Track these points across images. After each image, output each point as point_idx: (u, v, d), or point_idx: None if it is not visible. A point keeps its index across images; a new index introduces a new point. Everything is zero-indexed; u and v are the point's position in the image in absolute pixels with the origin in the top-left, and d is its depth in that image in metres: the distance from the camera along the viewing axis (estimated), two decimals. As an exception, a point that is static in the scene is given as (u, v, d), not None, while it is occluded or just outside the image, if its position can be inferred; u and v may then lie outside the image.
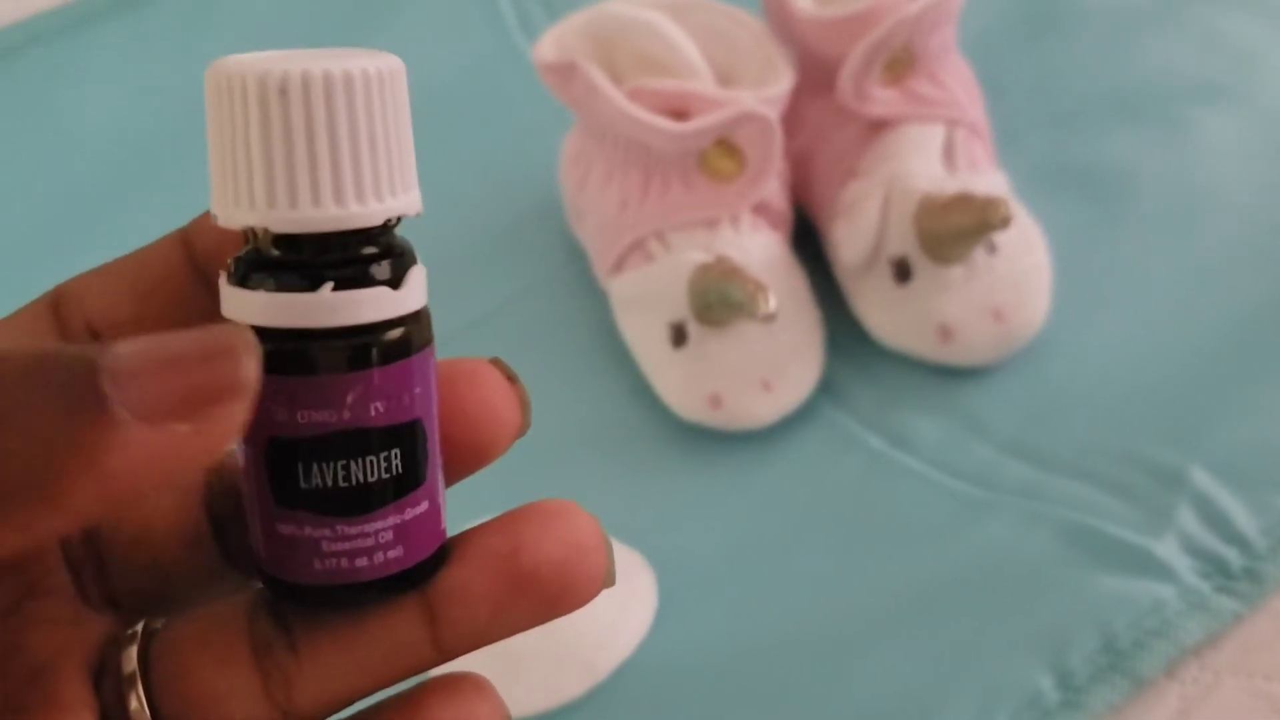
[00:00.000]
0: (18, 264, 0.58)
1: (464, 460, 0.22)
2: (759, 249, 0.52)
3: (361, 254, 0.20)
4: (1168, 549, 0.44)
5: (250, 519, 0.21)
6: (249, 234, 0.21)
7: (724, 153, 0.51)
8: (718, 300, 0.49)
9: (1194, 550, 0.44)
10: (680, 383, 0.52)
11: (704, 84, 0.52)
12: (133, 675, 0.21)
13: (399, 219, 0.21)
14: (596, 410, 0.54)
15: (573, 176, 0.56)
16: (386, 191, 0.20)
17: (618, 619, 0.45)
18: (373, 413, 0.20)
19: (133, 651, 0.21)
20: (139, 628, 0.22)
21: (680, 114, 0.51)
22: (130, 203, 0.63)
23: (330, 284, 0.20)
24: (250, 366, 0.18)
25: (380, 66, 0.20)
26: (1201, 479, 0.45)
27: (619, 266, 0.54)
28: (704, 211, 0.52)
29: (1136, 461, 0.47)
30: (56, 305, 0.22)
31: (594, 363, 0.55)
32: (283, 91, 0.19)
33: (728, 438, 0.51)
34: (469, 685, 0.22)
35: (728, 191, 0.52)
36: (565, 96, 0.53)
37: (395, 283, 0.20)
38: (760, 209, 0.53)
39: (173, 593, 0.23)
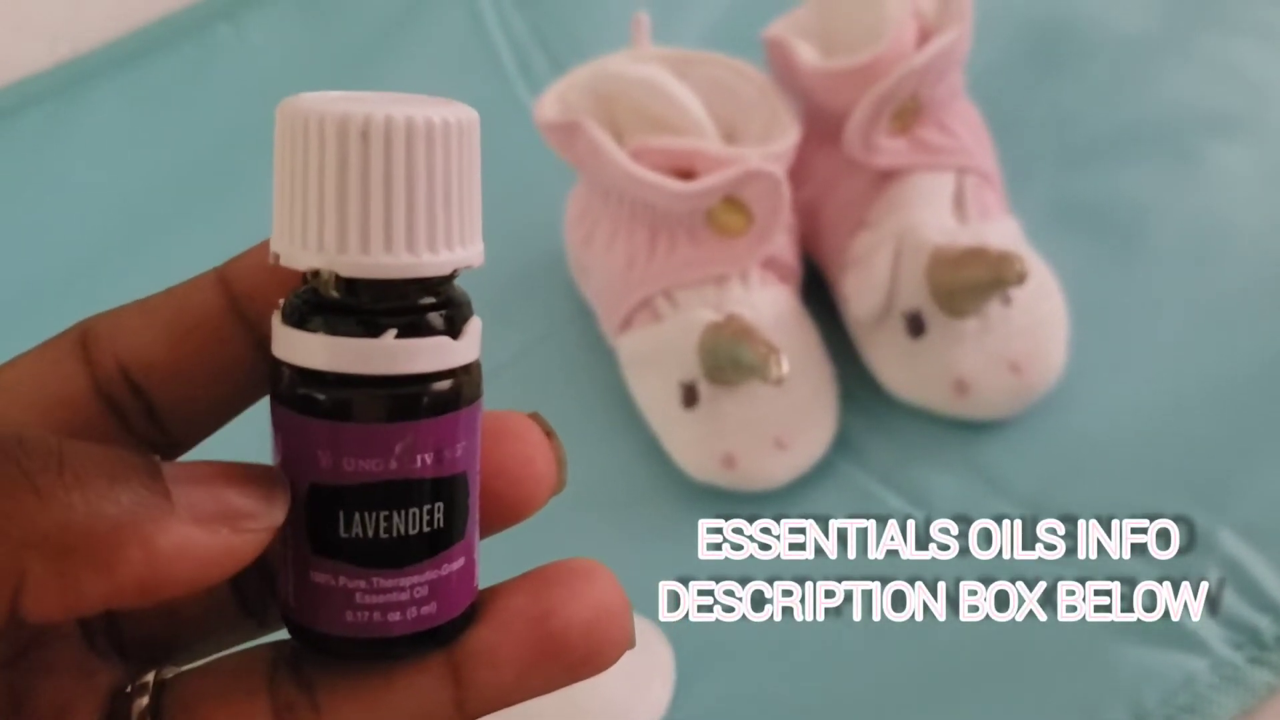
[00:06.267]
0: (19, 324, 0.57)
1: (499, 516, 0.22)
2: (769, 304, 0.51)
3: (423, 302, 0.20)
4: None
5: (281, 565, 0.21)
6: (309, 275, 0.20)
7: (731, 208, 0.50)
8: (728, 362, 0.48)
9: (1225, 619, 0.43)
10: (692, 443, 0.51)
11: (709, 141, 0.51)
12: None
13: (462, 269, 0.21)
14: (606, 471, 0.52)
15: (577, 234, 0.55)
16: (456, 241, 0.20)
17: (635, 696, 0.44)
18: (419, 464, 0.20)
19: (143, 703, 0.21)
20: (149, 678, 0.22)
21: (685, 171, 0.50)
22: (130, 260, 0.62)
23: (393, 331, 0.19)
24: (283, 506, 0.20)
25: (460, 116, 0.20)
26: (1230, 541, 0.44)
27: (627, 324, 0.53)
28: (712, 268, 0.51)
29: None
30: (85, 342, 0.21)
31: (602, 422, 0.54)
32: (364, 135, 0.19)
33: (742, 498, 0.50)
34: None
35: (736, 247, 0.51)
36: (569, 155, 0.52)
37: (455, 333, 0.20)
38: (769, 263, 0.52)
39: (184, 641, 0.23)
